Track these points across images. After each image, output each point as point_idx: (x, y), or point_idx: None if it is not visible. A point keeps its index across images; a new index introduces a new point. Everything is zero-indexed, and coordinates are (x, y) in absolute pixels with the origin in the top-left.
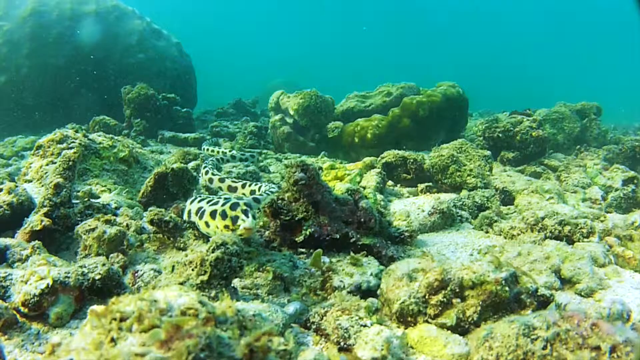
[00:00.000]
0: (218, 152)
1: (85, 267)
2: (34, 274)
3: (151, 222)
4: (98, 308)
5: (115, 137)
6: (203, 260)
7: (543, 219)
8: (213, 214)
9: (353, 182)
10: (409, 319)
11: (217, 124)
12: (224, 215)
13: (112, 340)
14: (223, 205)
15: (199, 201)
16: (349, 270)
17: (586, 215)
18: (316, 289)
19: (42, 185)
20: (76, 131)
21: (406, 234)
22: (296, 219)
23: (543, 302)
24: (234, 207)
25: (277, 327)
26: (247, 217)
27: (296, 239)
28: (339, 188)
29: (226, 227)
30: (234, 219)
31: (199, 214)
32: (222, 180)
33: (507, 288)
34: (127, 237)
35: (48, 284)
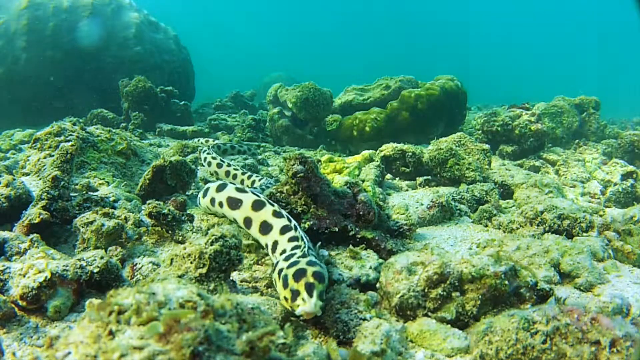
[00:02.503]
0: (217, 144)
1: (83, 260)
2: (32, 267)
3: (149, 215)
4: (96, 301)
5: (113, 130)
6: (202, 253)
7: (542, 212)
8: (280, 273)
9: (352, 175)
10: (409, 312)
11: (215, 117)
12: (285, 283)
13: (111, 333)
14: (290, 266)
15: (283, 226)
16: (348, 263)
17: (585, 210)
18: None
19: (40, 178)
20: (74, 124)
21: (405, 227)
22: (295, 211)
23: (542, 296)
24: (297, 275)
25: (276, 320)
26: (311, 296)
27: None
28: (338, 181)
29: (285, 299)
30: (294, 294)
31: (275, 253)
32: (219, 165)
33: (506, 282)
34: (126, 230)
35: (46, 277)
